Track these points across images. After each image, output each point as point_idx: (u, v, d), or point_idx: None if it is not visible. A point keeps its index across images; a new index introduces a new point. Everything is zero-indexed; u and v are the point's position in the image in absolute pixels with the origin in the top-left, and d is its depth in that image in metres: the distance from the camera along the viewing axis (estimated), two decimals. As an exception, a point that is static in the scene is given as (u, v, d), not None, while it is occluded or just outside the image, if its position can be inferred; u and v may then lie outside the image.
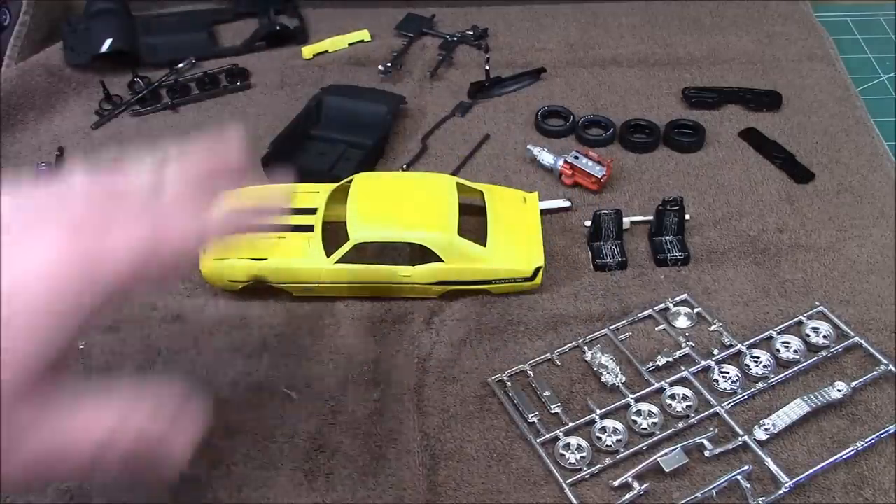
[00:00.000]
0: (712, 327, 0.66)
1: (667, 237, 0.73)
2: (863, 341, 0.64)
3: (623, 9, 1.02)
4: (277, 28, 0.98)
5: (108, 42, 0.92)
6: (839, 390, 0.60)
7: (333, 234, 0.67)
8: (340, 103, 0.86)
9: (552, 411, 0.60)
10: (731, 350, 0.64)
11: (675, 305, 0.68)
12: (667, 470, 0.56)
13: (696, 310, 0.68)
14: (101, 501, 0.56)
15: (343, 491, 0.57)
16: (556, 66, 0.94)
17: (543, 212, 0.74)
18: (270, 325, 0.67)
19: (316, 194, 0.71)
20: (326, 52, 0.97)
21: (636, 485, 0.55)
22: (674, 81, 0.91)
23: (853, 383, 0.61)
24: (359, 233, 0.65)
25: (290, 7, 1.03)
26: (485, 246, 0.67)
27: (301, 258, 0.67)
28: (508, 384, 0.62)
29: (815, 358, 0.64)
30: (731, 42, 0.96)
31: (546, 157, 0.80)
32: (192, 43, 0.98)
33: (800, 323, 0.66)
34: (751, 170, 0.81)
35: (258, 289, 0.68)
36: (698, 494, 0.55)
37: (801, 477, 0.56)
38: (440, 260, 0.66)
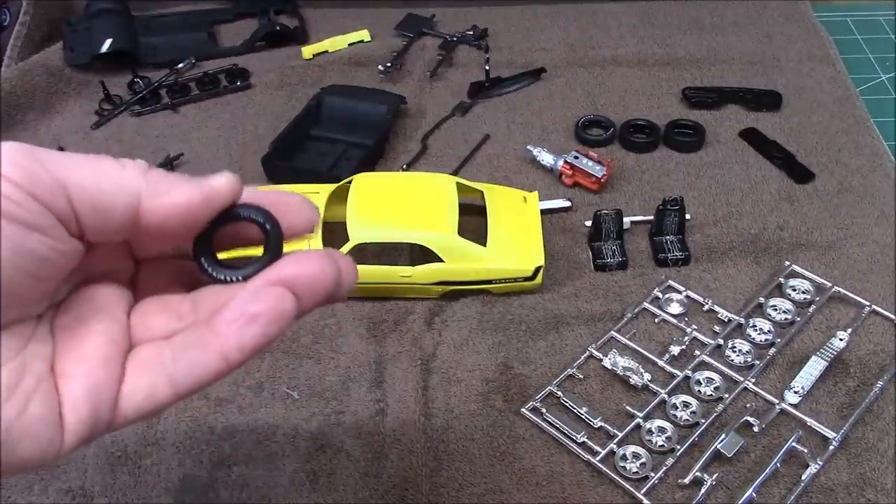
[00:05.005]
0: (705, 307, 0.67)
1: (667, 237, 0.73)
2: (840, 288, 0.67)
3: (623, 9, 1.02)
4: (277, 28, 0.97)
5: (107, 42, 0.91)
6: (841, 339, 0.63)
7: (333, 234, 0.67)
8: (340, 103, 0.85)
9: (596, 426, 0.60)
10: (733, 324, 0.66)
11: (662, 293, 0.69)
12: (729, 455, 0.56)
13: (683, 293, 0.68)
14: (103, 501, 0.56)
15: (345, 491, 0.57)
16: (556, 66, 0.94)
17: (543, 212, 0.74)
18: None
19: (316, 194, 0.71)
20: (326, 52, 0.97)
21: (706, 477, 0.55)
22: (674, 81, 0.91)
23: (848, 330, 0.64)
24: (359, 233, 0.65)
25: (289, 7, 1.03)
26: (485, 246, 0.67)
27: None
28: (543, 410, 0.61)
29: (808, 313, 0.66)
30: (731, 42, 0.96)
31: (546, 157, 0.80)
32: (191, 43, 0.98)
33: (779, 285, 0.69)
34: (751, 170, 0.81)
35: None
36: (767, 471, 0.55)
37: (844, 429, 0.58)
38: (440, 260, 0.66)
